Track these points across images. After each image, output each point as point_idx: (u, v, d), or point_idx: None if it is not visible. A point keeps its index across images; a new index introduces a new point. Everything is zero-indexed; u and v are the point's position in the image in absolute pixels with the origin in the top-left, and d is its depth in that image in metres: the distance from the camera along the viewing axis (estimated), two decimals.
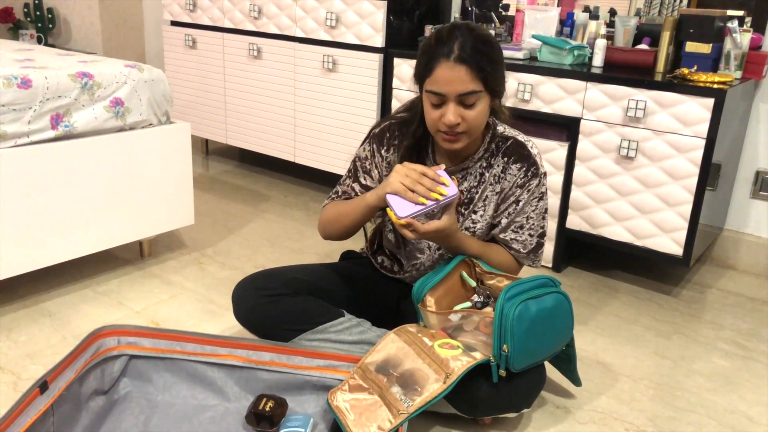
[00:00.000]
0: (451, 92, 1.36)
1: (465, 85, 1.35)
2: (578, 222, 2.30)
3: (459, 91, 1.35)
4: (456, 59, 1.34)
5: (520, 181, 1.52)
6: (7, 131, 1.79)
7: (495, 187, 1.55)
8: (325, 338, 1.55)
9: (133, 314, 1.94)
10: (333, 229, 1.61)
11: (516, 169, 1.52)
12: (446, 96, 1.37)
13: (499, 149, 1.53)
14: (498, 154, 1.53)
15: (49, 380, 1.29)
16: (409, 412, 1.28)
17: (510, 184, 1.53)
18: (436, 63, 1.35)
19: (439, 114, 1.39)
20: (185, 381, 1.53)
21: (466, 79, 1.35)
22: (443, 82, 1.35)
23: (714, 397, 1.69)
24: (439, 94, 1.37)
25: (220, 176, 3.36)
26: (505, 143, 1.53)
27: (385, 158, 1.57)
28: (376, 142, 1.58)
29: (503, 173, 1.53)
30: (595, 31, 2.43)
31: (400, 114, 1.60)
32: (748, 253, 2.52)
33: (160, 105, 2.17)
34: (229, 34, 3.21)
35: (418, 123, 1.51)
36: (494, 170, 1.54)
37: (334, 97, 2.86)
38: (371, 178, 1.60)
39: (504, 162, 1.53)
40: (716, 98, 1.97)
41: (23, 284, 2.06)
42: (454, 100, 1.37)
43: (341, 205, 1.58)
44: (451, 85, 1.35)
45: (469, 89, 1.35)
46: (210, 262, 2.32)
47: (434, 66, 1.36)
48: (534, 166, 1.52)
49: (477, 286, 1.55)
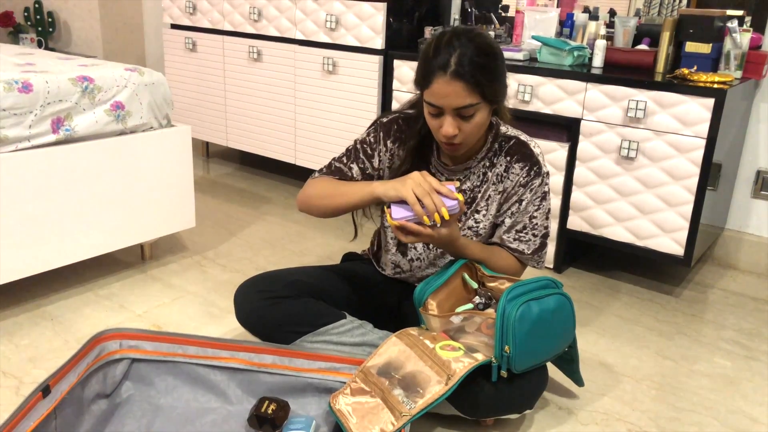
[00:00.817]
0: (447, 106, 1.36)
1: (461, 99, 1.34)
2: (579, 223, 2.30)
3: (455, 105, 1.35)
4: (452, 74, 1.33)
5: (523, 180, 1.52)
6: (8, 135, 1.79)
7: (497, 186, 1.55)
8: (326, 340, 1.55)
9: (135, 317, 1.94)
10: (321, 204, 1.54)
11: (519, 168, 1.52)
12: (443, 109, 1.37)
13: (501, 149, 1.54)
14: (501, 153, 1.54)
15: (52, 384, 1.29)
16: (411, 414, 1.28)
17: (512, 183, 1.53)
18: (433, 77, 1.35)
19: (437, 124, 1.41)
20: (187, 384, 1.53)
21: (462, 93, 1.34)
22: (439, 96, 1.35)
23: (716, 397, 1.69)
24: (436, 107, 1.38)
25: (221, 179, 3.36)
26: (508, 143, 1.54)
27: (389, 149, 1.58)
28: (383, 130, 1.58)
29: (506, 172, 1.53)
30: (595, 31, 2.43)
31: (406, 110, 1.61)
32: (749, 253, 2.52)
33: (160, 108, 2.17)
34: (229, 37, 3.21)
35: (423, 122, 1.51)
36: (497, 169, 1.54)
37: (335, 99, 2.86)
38: (371, 166, 1.59)
39: (507, 161, 1.53)
40: (716, 98, 1.97)
41: (25, 288, 2.07)
42: (450, 113, 1.37)
43: (339, 183, 1.54)
44: (447, 99, 1.35)
45: (465, 103, 1.35)
46: (211, 265, 2.32)
47: (431, 79, 1.35)
48: (536, 166, 1.52)
49: (479, 288, 1.55)
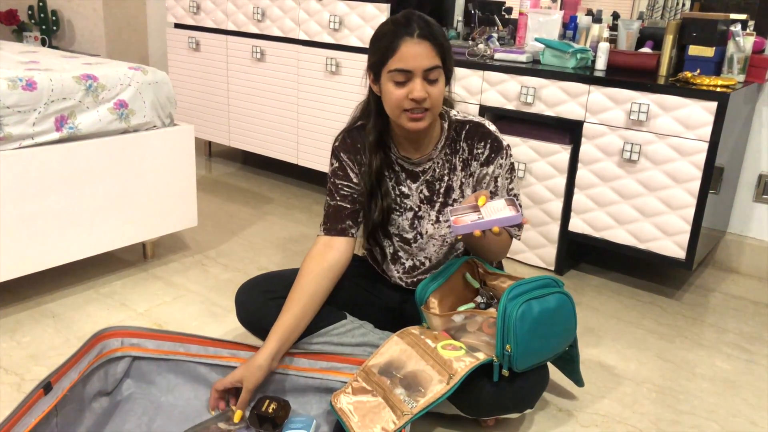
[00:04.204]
0: (417, 67, 1.40)
1: (430, 59, 1.40)
2: (581, 225, 2.30)
3: (425, 66, 1.40)
4: (419, 36, 1.40)
5: (488, 157, 1.55)
6: (12, 133, 1.80)
7: (466, 170, 1.58)
8: (327, 341, 1.55)
9: (137, 316, 1.94)
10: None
11: (481, 147, 1.55)
12: (413, 72, 1.40)
13: (459, 135, 1.57)
14: (460, 139, 1.57)
15: (53, 381, 1.29)
16: (413, 414, 1.29)
17: (479, 163, 1.56)
18: (400, 41, 1.40)
19: (405, 91, 1.42)
20: (188, 382, 1.54)
21: (430, 54, 1.40)
22: (410, 57, 1.39)
23: (717, 400, 1.69)
24: (405, 71, 1.40)
25: (223, 178, 3.37)
26: (464, 128, 1.57)
27: (355, 160, 1.59)
28: (341, 150, 1.60)
29: (470, 155, 1.57)
30: (598, 34, 2.43)
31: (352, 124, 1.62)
32: (751, 257, 2.52)
33: (163, 107, 2.18)
34: (232, 37, 3.22)
35: (376, 117, 1.54)
36: (461, 155, 1.57)
37: (338, 99, 2.86)
38: (354, 185, 1.59)
39: (468, 145, 1.56)
40: (719, 102, 1.97)
41: (27, 286, 2.07)
42: (420, 75, 1.41)
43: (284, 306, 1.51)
44: (417, 60, 1.39)
45: (434, 63, 1.41)
46: (213, 264, 2.33)
47: (399, 45, 1.40)
48: (496, 141, 1.55)
49: (480, 287, 1.55)
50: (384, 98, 1.47)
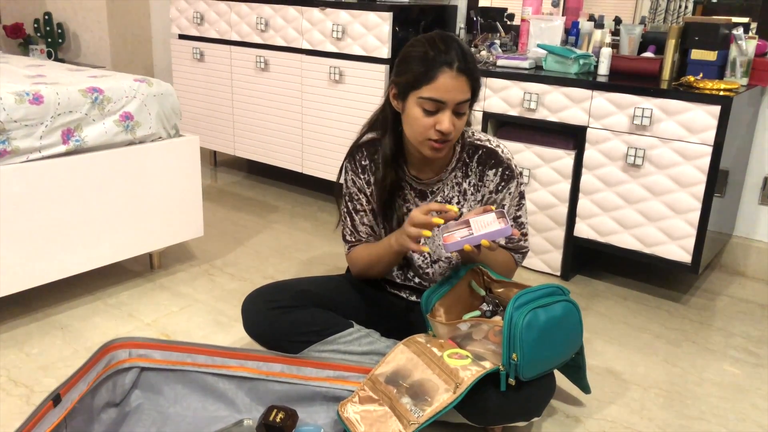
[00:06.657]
0: (451, 101, 1.40)
1: (463, 94, 1.41)
2: (586, 230, 2.30)
3: (458, 100, 1.40)
4: (458, 70, 1.39)
5: (498, 185, 1.56)
6: (19, 147, 1.82)
7: (476, 195, 1.58)
8: (334, 349, 1.56)
9: (144, 326, 1.95)
10: (374, 273, 1.67)
11: (492, 174, 1.56)
12: (446, 104, 1.40)
13: (471, 159, 1.57)
14: (472, 162, 1.57)
15: (62, 393, 1.30)
16: (419, 423, 1.29)
17: (488, 189, 1.57)
18: (438, 72, 1.39)
19: (432, 121, 1.42)
20: (196, 393, 1.54)
21: (465, 89, 1.41)
22: (445, 90, 1.39)
23: (725, 405, 1.68)
24: (438, 102, 1.40)
25: (229, 188, 3.38)
26: (477, 152, 1.57)
27: (366, 173, 1.61)
28: (352, 167, 1.62)
29: (480, 181, 1.57)
30: (600, 39, 2.44)
31: (363, 138, 1.63)
32: (757, 260, 2.51)
33: (169, 118, 2.19)
34: (236, 47, 3.24)
35: (392, 132, 1.54)
36: (471, 179, 1.58)
37: (341, 108, 2.87)
38: (363, 205, 1.63)
39: (480, 170, 1.57)
40: (723, 105, 1.98)
41: (35, 298, 2.08)
42: (451, 108, 1.41)
43: (372, 249, 1.62)
44: (452, 94, 1.39)
45: (466, 98, 1.41)
46: (219, 274, 2.33)
47: (436, 75, 1.39)
48: (508, 170, 1.56)
49: (486, 295, 1.55)
50: (407, 120, 1.47)
